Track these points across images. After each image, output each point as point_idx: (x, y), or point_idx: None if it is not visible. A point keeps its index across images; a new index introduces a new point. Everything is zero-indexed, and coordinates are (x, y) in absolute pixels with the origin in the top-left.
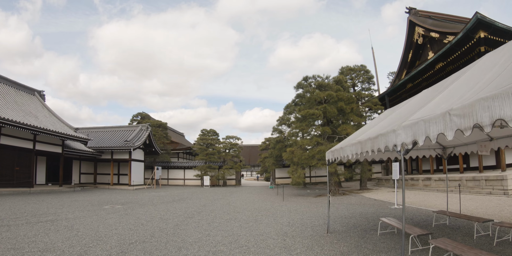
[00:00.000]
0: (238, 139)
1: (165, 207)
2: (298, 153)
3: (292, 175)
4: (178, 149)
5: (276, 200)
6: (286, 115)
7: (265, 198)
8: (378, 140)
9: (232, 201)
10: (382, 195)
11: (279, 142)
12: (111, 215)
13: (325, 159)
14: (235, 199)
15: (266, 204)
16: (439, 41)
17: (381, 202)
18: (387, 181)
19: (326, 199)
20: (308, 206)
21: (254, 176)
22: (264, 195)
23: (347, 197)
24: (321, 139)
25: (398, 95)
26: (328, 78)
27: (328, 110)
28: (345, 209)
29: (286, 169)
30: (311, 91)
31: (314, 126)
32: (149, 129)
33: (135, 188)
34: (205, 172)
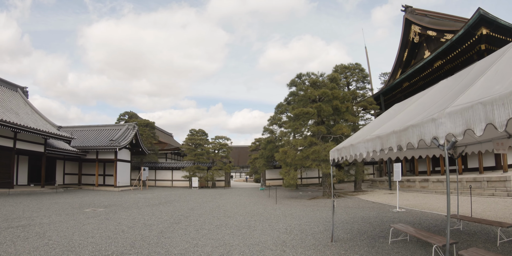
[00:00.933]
0: (227, 139)
1: (150, 210)
2: (291, 154)
3: (284, 177)
4: (166, 149)
5: (269, 203)
6: (278, 114)
7: (257, 200)
8: (408, 133)
9: (222, 204)
10: (379, 197)
11: (270, 142)
12: (90, 220)
13: (320, 159)
14: (225, 202)
15: (258, 207)
16: (436, 40)
17: (380, 205)
18: (382, 182)
19: (321, 202)
20: (303, 210)
21: (244, 177)
22: (255, 197)
23: (343, 200)
24: (316, 139)
25: (394, 94)
26: (322, 75)
27: (323, 108)
28: (344, 213)
29: (277, 170)
30: (304, 89)
31: (308, 125)
32: (135, 128)
33: (121, 189)
34: (193, 173)
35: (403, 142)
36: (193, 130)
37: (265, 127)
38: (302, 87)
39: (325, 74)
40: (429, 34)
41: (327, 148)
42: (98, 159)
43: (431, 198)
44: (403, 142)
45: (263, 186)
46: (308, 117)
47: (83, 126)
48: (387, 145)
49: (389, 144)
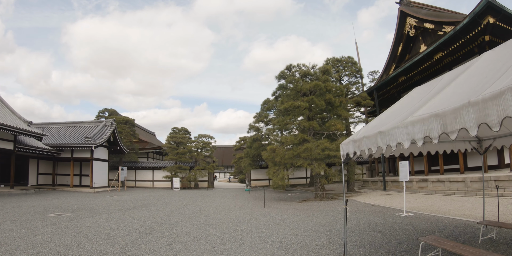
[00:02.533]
0: (211, 138)
1: (121, 216)
2: (280, 152)
3: (273, 177)
4: (148, 148)
5: (256, 206)
6: (264, 111)
7: (243, 203)
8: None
9: (204, 207)
10: (376, 199)
11: (256, 140)
12: (46, 229)
13: (312, 158)
14: (207, 205)
15: (244, 212)
16: (433, 33)
17: (381, 208)
18: (374, 183)
19: (313, 205)
20: (296, 215)
21: (227, 177)
22: (240, 200)
23: (338, 202)
24: (307, 136)
25: (388, 90)
26: (314, 67)
27: (315, 102)
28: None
29: (263, 170)
30: (295, 82)
31: (297, 121)
32: (113, 125)
33: (97, 190)
34: (175, 173)
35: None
36: (175, 128)
37: (250, 124)
38: (292, 80)
39: (316, 65)
40: (426, 26)
41: (320, 146)
42: (73, 158)
43: (434, 200)
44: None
45: (249, 187)
46: (299, 112)
47: (58, 123)
48: (456, 126)
49: (460, 123)
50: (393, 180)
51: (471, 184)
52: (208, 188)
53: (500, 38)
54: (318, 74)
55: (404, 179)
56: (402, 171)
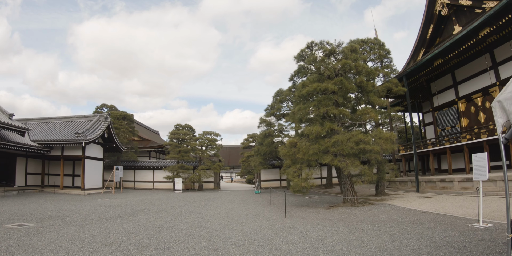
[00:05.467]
0: (217, 135)
1: (96, 230)
2: (303, 147)
3: (293, 178)
4: (149, 147)
5: (274, 215)
6: (277, 103)
7: (256, 210)
8: None
9: (207, 217)
10: (418, 204)
11: (268, 136)
12: None
13: (344, 153)
14: (211, 213)
15: (261, 224)
16: (469, 12)
17: (439, 216)
18: (403, 183)
19: (346, 212)
20: (334, 230)
21: (230, 177)
22: (252, 205)
23: (375, 208)
24: (337, 126)
25: (417, 77)
26: (340, 45)
27: (345, 84)
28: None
29: (273, 170)
30: (318, 62)
31: (328, 106)
32: (108, 120)
33: (89, 193)
34: (176, 173)
35: None
36: (178, 125)
37: (261, 118)
38: (315, 59)
39: (343, 43)
40: (462, 4)
41: (352, 138)
42: (64, 156)
43: (495, 203)
44: None
45: (259, 188)
46: (325, 98)
47: (48, 118)
48: None
49: None
50: (427, 180)
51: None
52: (213, 189)
53: None
54: (346, 53)
55: (481, 178)
56: (478, 166)
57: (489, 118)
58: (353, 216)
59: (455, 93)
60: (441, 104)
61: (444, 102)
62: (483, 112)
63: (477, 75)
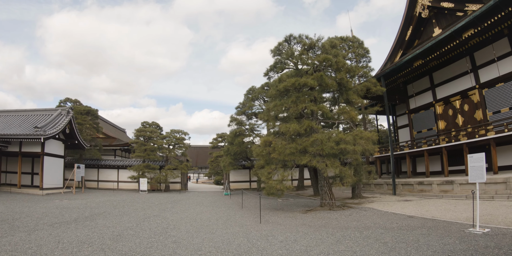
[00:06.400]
0: (185, 134)
1: (45, 237)
2: (279, 146)
3: (267, 180)
4: (115, 145)
5: (248, 220)
6: (249, 101)
7: (227, 214)
8: None
9: (173, 222)
10: (400, 207)
11: (238, 135)
12: None
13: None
14: (178, 218)
15: (234, 231)
16: (450, 14)
17: (428, 221)
18: (379, 186)
19: (326, 217)
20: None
21: (202, 179)
22: (222, 208)
23: (356, 213)
24: (315, 124)
25: (395, 79)
26: (320, 40)
27: (324, 80)
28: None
29: (244, 171)
30: (296, 56)
31: (306, 103)
32: (70, 114)
33: (48, 192)
34: (142, 173)
35: None
36: (145, 123)
37: (232, 116)
38: (293, 53)
39: (323, 38)
40: (443, 6)
41: (332, 137)
42: (22, 152)
43: (483, 207)
44: None
45: (228, 190)
46: (304, 94)
47: (6, 111)
48: None
49: None
50: (404, 183)
51: None
52: (180, 191)
53: None
54: (326, 48)
55: (478, 180)
56: (474, 168)
57: (468, 121)
58: (334, 221)
59: (432, 95)
60: (418, 106)
61: (421, 105)
62: (461, 115)
63: (456, 78)
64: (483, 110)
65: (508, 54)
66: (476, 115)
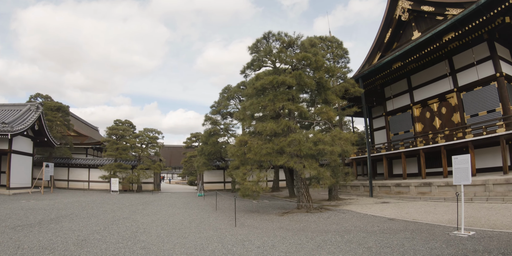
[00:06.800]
0: (159, 133)
1: (4, 242)
2: (255, 145)
3: (242, 181)
4: (86, 143)
5: (222, 223)
6: (225, 100)
7: (201, 217)
8: None
9: (144, 226)
10: (379, 209)
11: (213, 135)
12: None
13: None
14: (149, 221)
15: (208, 236)
16: (430, 18)
17: (407, 223)
18: (355, 188)
19: (305, 221)
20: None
21: (176, 179)
22: (196, 210)
23: (334, 215)
24: (293, 123)
25: (373, 80)
26: (299, 38)
27: (303, 79)
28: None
29: (218, 171)
30: (275, 54)
31: (284, 101)
32: (40, 110)
33: (15, 192)
34: (113, 172)
35: None
36: (118, 121)
37: (207, 115)
38: (269, 50)
39: (302, 36)
40: (424, 10)
41: (311, 138)
42: None
43: (464, 208)
44: None
45: (202, 191)
46: (282, 92)
47: None
48: None
49: None
50: (381, 185)
51: (493, 188)
52: (153, 191)
53: None
54: (306, 46)
55: (463, 182)
56: (459, 169)
57: (445, 124)
58: (313, 224)
59: (410, 98)
60: (395, 108)
61: (398, 107)
62: (438, 117)
63: (434, 81)
64: (460, 113)
65: (487, 59)
66: (454, 118)
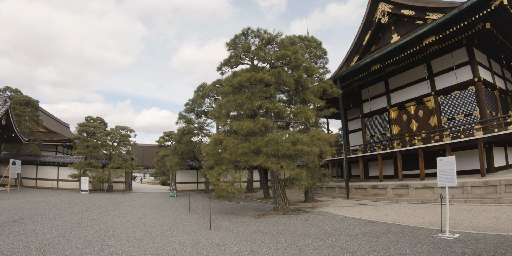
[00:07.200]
0: (131, 131)
1: None
2: (231, 145)
3: (216, 181)
4: (56, 140)
5: (196, 225)
6: (200, 98)
7: (173, 218)
8: None
9: (113, 228)
10: (358, 211)
11: (186, 133)
12: None
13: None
14: (119, 223)
15: (181, 240)
16: (410, 22)
17: (388, 225)
18: (331, 189)
19: (283, 223)
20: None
21: (148, 179)
22: (168, 212)
23: (313, 218)
24: (271, 122)
25: (351, 82)
26: (279, 35)
27: (282, 77)
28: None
29: (191, 171)
30: (253, 51)
31: (262, 100)
32: (7, 103)
33: None
34: (83, 171)
35: None
36: (89, 117)
37: (181, 113)
38: (248, 46)
39: (282, 34)
40: (404, 14)
41: (289, 138)
42: None
43: (437, 211)
44: None
45: (174, 191)
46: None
47: None
48: None
49: None
50: (357, 186)
51: (471, 190)
52: (124, 191)
53: (499, 27)
54: (285, 44)
55: (448, 184)
56: (444, 171)
57: (422, 127)
58: (291, 227)
59: (387, 100)
60: (372, 110)
61: (375, 109)
62: (415, 120)
63: (411, 84)
64: (438, 117)
65: (465, 64)
66: (431, 121)
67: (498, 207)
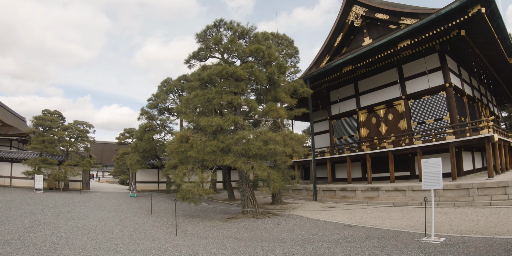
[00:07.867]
0: (90, 126)
1: None
2: (198, 142)
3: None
4: (11, 134)
5: (160, 230)
6: (164, 94)
7: (135, 222)
8: None
9: (67, 234)
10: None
11: (149, 130)
12: None
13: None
14: (74, 227)
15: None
16: (383, 26)
17: (367, 229)
18: (298, 191)
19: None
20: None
21: (107, 177)
22: (129, 214)
23: (285, 221)
24: (242, 120)
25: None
26: (252, 29)
27: (255, 73)
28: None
29: (153, 171)
30: (225, 43)
31: (233, 95)
32: None
33: None
34: (38, 168)
35: None
36: (46, 111)
37: (143, 109)
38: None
39: (255, 28)
40: (378, 17)
41: (260, 136)
42: None
43: (417, 214)
44: None
45: (135, 191)
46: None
47: None
48: None
49: None
50: (325, 189)
51: (444, 193)
52: (81, 190)
53: (473, 35)
54: (259, 38)
55: (434, 186)
56: (429, 173)
57: (391, 130)
58: (265, 232)
59: (356, 103)
60: (340, 113)
61: (344, 111)
62: (385, 123)
63: (382, 87)
64: (407, 120)
65: (437, 69)
66: (400, 124)
67: (473, 210)
